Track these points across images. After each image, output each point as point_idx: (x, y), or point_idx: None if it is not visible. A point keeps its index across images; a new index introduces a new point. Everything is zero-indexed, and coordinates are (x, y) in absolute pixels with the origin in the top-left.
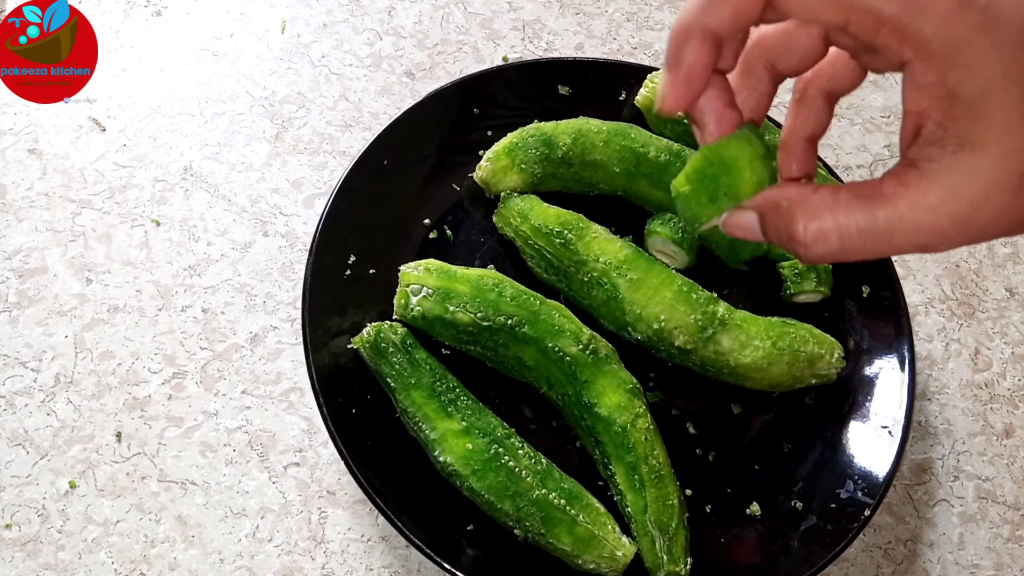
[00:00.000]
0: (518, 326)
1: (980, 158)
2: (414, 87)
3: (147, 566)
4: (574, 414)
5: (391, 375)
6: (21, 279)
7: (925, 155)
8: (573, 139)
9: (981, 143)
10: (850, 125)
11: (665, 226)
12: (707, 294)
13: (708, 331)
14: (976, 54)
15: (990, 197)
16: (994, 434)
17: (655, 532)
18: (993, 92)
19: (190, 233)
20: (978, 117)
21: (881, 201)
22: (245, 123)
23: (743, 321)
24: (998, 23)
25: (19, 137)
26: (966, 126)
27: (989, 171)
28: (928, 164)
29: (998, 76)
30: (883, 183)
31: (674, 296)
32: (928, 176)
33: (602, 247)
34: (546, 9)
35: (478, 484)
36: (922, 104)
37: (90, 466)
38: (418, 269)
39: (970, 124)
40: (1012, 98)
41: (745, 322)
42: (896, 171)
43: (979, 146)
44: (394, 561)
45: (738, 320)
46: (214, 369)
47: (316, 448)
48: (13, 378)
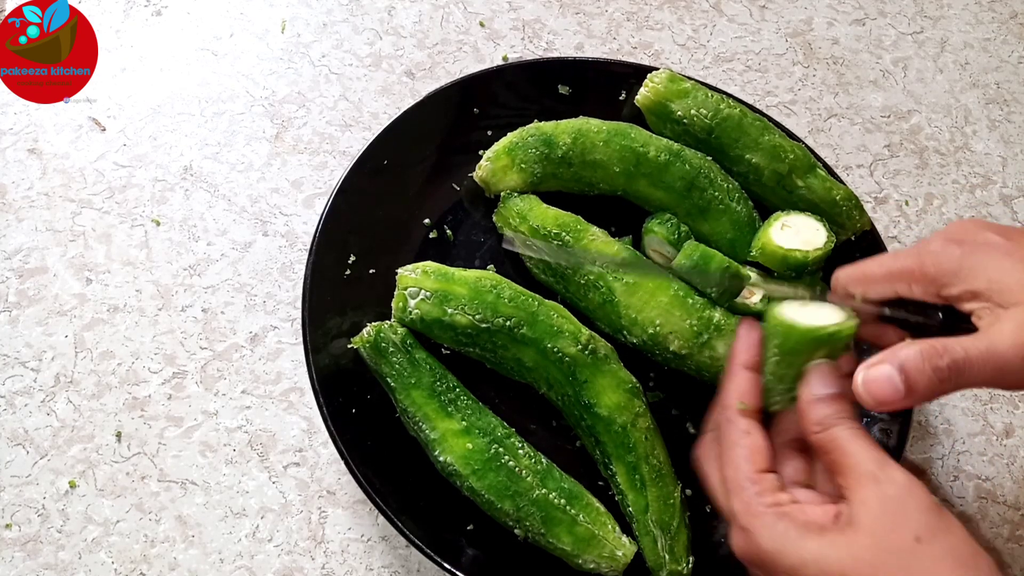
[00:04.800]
0: (517, 327)
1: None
2: (414, 87)
3: (147, 566)
4: (574, 414)
5: (391, 375)
6: (21, 279)
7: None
8: (573, 139)
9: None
10: (850, 125)
11: (662, 226)
12: (702, 299)
13: (703, 336)
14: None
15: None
16: (994, 434)
17: (657, 531)
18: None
19: (190, 233)
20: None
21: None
22: (245, 123)
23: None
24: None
25: (19, 137)
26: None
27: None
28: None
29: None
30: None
31: (670, 301)
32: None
33: (599, 250)
34: (546, 9)
35: (478, 484)
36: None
37: (90, 466)
38: (415, 272)
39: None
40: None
41: None
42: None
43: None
44: (394, 561)
45: (733, 326)
46: (214, 369)
47: (316, 448)
48: (13, 378)
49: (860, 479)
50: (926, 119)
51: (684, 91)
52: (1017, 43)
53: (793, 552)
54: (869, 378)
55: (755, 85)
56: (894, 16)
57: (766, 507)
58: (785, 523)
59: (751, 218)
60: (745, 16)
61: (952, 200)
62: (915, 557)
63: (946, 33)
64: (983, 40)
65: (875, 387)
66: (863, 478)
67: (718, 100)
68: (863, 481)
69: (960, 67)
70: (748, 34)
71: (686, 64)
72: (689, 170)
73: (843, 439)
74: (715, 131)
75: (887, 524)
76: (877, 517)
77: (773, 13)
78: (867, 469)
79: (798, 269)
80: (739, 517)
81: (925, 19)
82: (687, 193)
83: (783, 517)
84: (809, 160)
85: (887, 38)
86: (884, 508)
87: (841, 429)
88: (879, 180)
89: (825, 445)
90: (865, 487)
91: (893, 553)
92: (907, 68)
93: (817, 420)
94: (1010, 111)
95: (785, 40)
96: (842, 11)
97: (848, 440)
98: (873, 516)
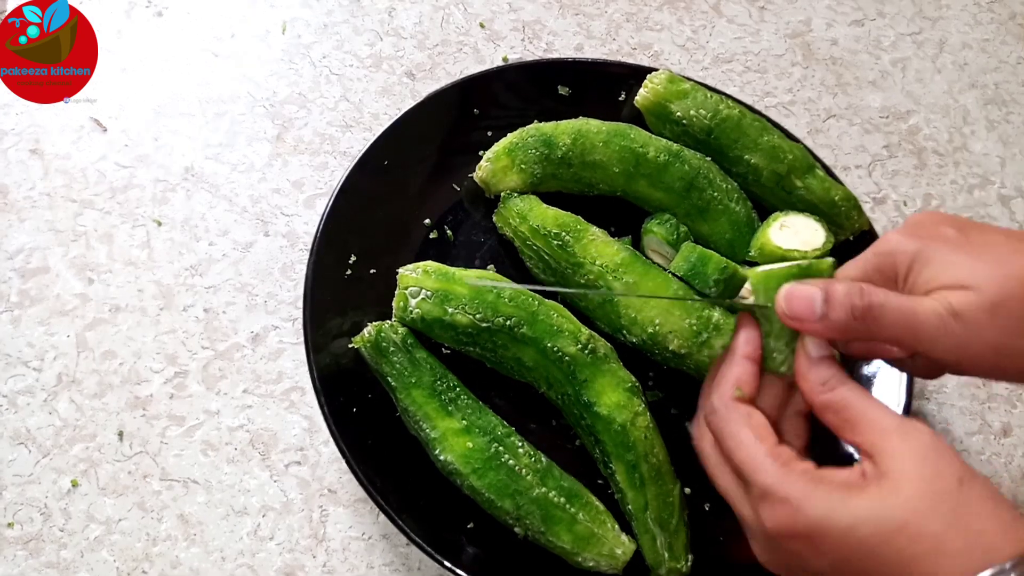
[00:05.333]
0: (517, 327)
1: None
2: (414, 87)
3: (149, 564)
4: (574, 413)
5: (392, 374)
6: (23, 279)
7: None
8: (573, 139)
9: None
10: (849, 125)
11: (662, 226)
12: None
13: (703, 336)
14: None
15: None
16: (992, 433)
17: (656, 529)
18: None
19: (192, 233)
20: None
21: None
22: (246, 123)
23: None
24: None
25: (21, 137)
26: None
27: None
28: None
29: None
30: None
31: (669, 300)
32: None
33: (599, 250)
34: (546, 9)
35: (478, 482)
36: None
37: (92, 465)
38: (416, 271)
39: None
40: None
41: None
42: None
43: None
44: (395, 559)
45: (732, 325)
46: (216, 368)
47: (317, 447)
48: (15, 377)
49: (885, 433)
50: (924, 120)
51: (683, 92)
52: (1016, 44)
53: (844, 513)
54: (793, 292)
55: (754, 86)
56: (893, 17)
57: (799, 475)
58: (825, 487)
59: (750, 218)
60: (744, 17)
61: (950, 200)
62: (964, 497)
63: (945, 34)
64: (982, 41)
65: (796, 302)
66: (888, 432)
67: (717, 101)
68: (889, 434)
69: (959, 68)
70: (747, 35)
71: (685, 65)
72: (688, 171)
73: (854, 397)
74: (714, 132)
75: (930, 471)
76: (917, 466)
77: (772, 14)
78: (891, 422)
79: None
80: (774, 490)
81: (924, 20)
82: (686, 194)
83: (820, 482)
84: (808, 160)
85: (886, 39)
86: (922, 457)
87: (849, 388)
88: (878, 180)
89: (835, 404)
90: (893, 440)
91: (943, 497)
92: (906, 69)
93: (822, 380)
94: (1008, 112)
95: (784, 41)
96: (841, 12)
97: (860, 398)
98: (913, 465)
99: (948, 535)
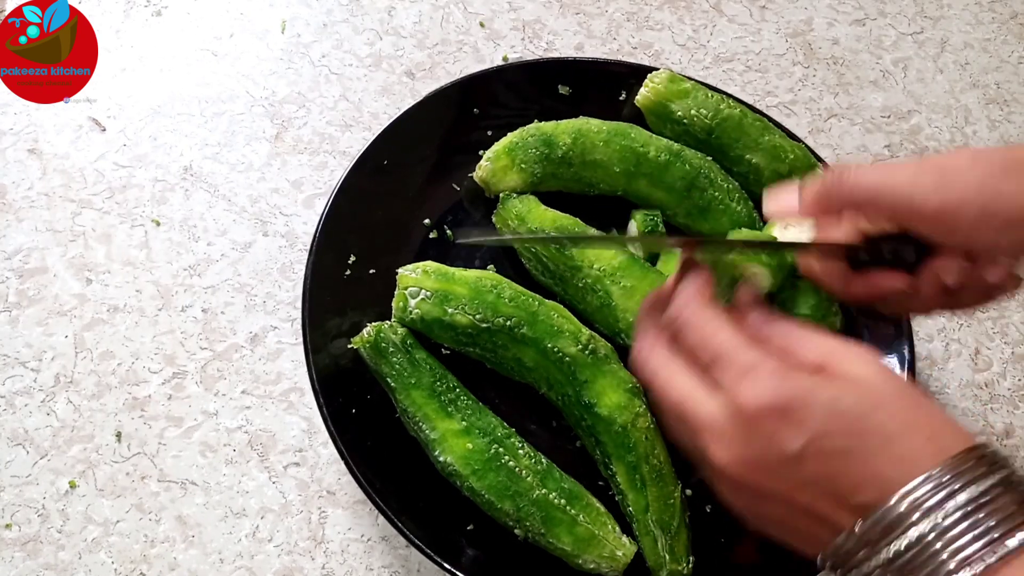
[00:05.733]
0: (517, 327)
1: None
2: (414, 87)
3: (147, 566)
4: (574, 414)
5: (391, 375)
6: (21, 279)
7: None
8: (573, 139)
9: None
10: (850, 125)
11: (642, 218)
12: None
13: None
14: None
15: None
16: (994, 434)
17: (657, 531)
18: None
19: (190, 233)
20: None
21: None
22: (245, 123)
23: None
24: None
25: (19, 137)
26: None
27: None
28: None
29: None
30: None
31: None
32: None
33: (597, 253)
34: (546, 9)
35: (478, 484)
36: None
37: (90, 466)
38: (416, 272)
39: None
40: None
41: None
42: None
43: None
44: (394, 561)
45: None
46: (214, 369)
47: (316, 448)
48: (13, 378)
49: (833, 347)
50: (926, 119)
51: (684, 91)
52: (1017, 43)
53: (826, 385)
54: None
55: (755, 85)
56: (894, 16)
57: (779, 358)
58: (803, 370)
59: (751, 218)
60: (745, 16)
61: None
62: (917, 392)
63: (946, 33)
64: (983, 40)
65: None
66: (835, 345)
67: (718, 100)
68: (836, 347)
69: (960, 67)
70: (748, 34)
71: (686, 64)
72: (689, 170)
73: (792, 325)
74: (715, 131)
75: (884, 370)
76: (871, 365)
77: (773, 13)
78: (833, 340)
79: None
80: (761, 362)
81: (925, 19)
82: (687, 193)
83: (797, 367)
84: (809, 160)
85: (887, 38)
86: (871, 359)
87: (785, 321)
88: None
89: (776, 334)
90: (840, 350)
91: (904, 388)
92: (907, 68)
93: (761, 317)
94: (1010, 111)
95: (785, 40)
96: (842, 11)
97: (798, 326)
98: (867, 365)
99: (918, 419)
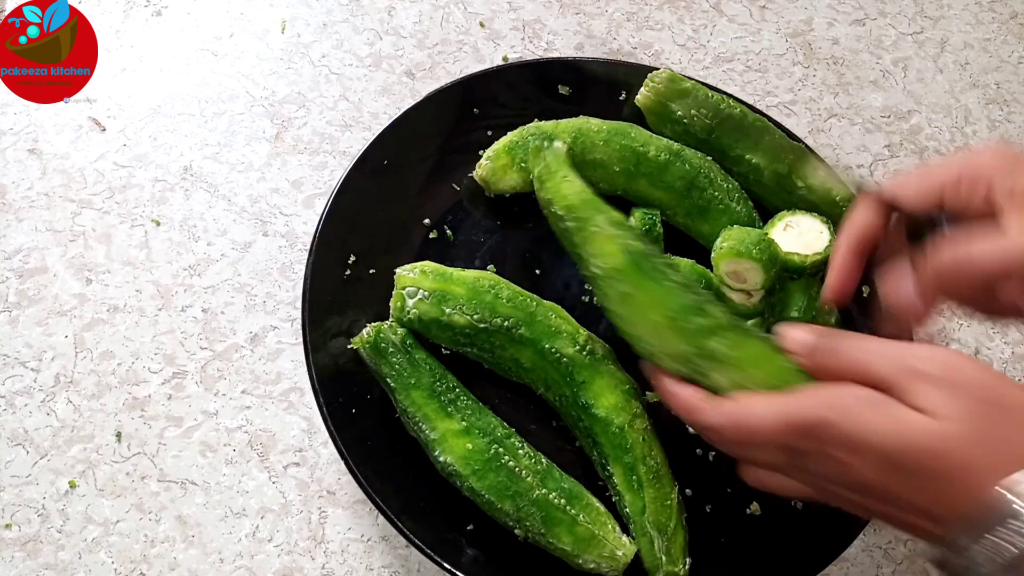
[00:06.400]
0: (515, 328)
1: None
2: (414, 87)
3: (147, 566)
4: (572, 415)
5: (391, 375)
6: (21, 279)
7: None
8: (573, 138)
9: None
10: (850, 125)
11: (640, 216)
12: (696, 316)
13: None
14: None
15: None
16: None
17: (653, 532)
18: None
19: (190, 233)
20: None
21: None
22: (245, 123)
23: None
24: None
25: (19, 137)
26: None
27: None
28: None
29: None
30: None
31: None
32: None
33: (600, 247)
34: (546, 9)
35: (478, 484)
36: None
37: (90, 466)
38: (414, 272)
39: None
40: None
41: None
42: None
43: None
44: (394, 561)
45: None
46: (214, 369)
47: (316, 448)
48: (13, 378)
49: (907, 369)
50: (926, 119)
51: (684, 91)
52: (1017, 43)
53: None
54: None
55: (755, 85)
56: (894, 16)
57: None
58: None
59: (751, 218)
60: (745, 16)
61: None
62: (999, 412)
63: (946, 33)
64: (983, 40)
65: (891, 284)
66: (910, 363)
67: (718, 100)
68: (910, 369)
69: (960, 67)
70: (748, 34)
71: (686, 64)
72: (689, 170)
73: (857, 339)
74: (715, 131)
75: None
76: (948, 397)
77: (773, 13)
78: (908, 353)
79: (796, 272)
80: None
81: (925, 19)
82: (687, 193)
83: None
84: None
85: (887, 38)
86: (951, 383)
87: (845, 336)
88: (879, 180)
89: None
90: (916, 371)
91: (981, 422)
92: (907, 68)
93: (820, 334)
94: (1010, 111)
95: (785, 40)
96: (842, 11)
97: (861, 339)
98: (945, 398)
99: (994, 450)
